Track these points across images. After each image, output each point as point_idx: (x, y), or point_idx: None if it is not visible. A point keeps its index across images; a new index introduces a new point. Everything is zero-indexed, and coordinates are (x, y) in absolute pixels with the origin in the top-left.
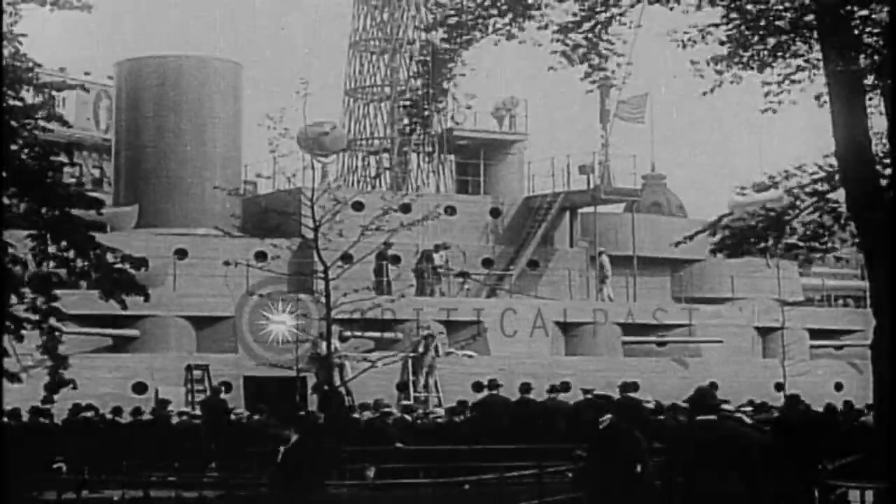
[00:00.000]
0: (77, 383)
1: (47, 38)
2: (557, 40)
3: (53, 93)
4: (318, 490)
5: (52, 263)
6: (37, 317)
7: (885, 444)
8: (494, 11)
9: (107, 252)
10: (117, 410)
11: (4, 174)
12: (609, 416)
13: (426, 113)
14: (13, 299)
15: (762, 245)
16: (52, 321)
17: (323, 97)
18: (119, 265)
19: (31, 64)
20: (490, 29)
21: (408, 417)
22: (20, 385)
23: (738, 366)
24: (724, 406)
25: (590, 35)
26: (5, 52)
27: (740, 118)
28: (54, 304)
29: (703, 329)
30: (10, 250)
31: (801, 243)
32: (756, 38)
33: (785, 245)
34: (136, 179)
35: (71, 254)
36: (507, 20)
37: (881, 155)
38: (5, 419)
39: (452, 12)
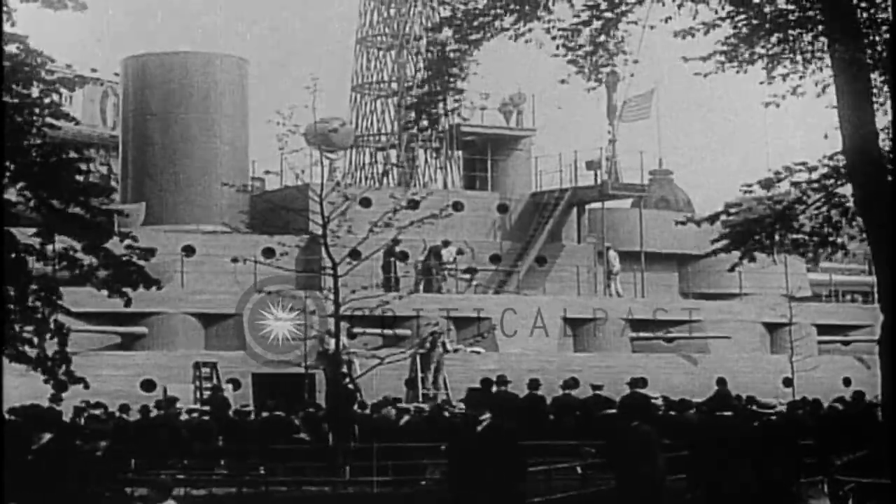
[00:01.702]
0: (88, 382)
1: (52, 35)
2: (563, 45)
3: (62, 90)
4: (78, 494)
5: (59, 263)
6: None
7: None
8: (501, 11)
9: (123, 237)
10: (125, 408)
11: (11, 167)
12: (489, 414)
13: (433, 112)
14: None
15: (767, 241)
16: (57, 317)
17: (330, 93)
18: (127, 258)
19: (39, 60)
20: (499, 28)
21: (446, 414)
22: (25, 380)
23: (746, 361)
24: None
25: (597, 36)
26: (14, 48)
27: (748, 113)
28: (59, 302)
29: (711, 325)
30: (22, 240)
31: (807, 238)
32: (762, 33)
33: (792, 241)
34: (143, 176)
35: (78, 253)
36: (513, 19)
37: (887, 149)
38: (12, 416)
39: (460, 14)
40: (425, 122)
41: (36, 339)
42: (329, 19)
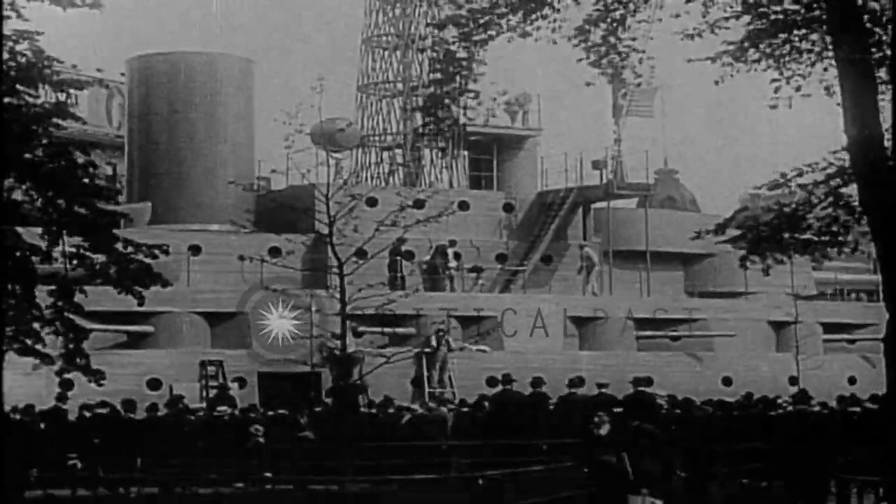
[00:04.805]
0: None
1: (58, 35)
2: (577, 45)
3: (70, 90)
4: None
5: (69, 262)
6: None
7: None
8: (507, 9)
9: (127, 244)
10: (131, 406)
11: (18, 168)
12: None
13: (447, 116)
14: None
15: (779, 237)
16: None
17: (336, 93)
18: (135, 256)
19: (46, 61)
20: (504, 27)
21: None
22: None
23: (751, 360)
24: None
25: (607, 35)
26: (22, 48)
27: (753, 112)
28: (74, 301)
29: (717, 323)
30: (29, 241)
31: (816, 238)
32: (768, 33)
33: (802, 242)
34: (148, 176)
35: (87, 251)
36: (519, 17)
37: (892, 148)
38: (18, 415)
39: (465, 12)
40: (440, 124)
41: (59, 338)
42: (335, 19)
